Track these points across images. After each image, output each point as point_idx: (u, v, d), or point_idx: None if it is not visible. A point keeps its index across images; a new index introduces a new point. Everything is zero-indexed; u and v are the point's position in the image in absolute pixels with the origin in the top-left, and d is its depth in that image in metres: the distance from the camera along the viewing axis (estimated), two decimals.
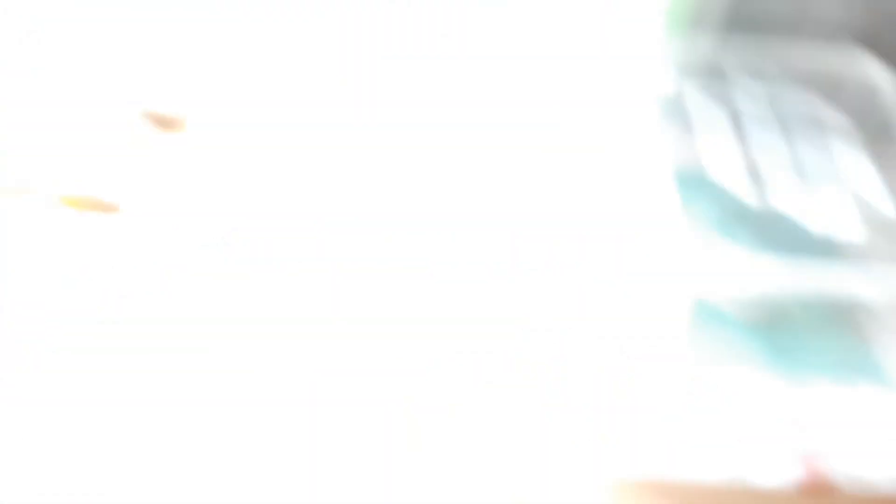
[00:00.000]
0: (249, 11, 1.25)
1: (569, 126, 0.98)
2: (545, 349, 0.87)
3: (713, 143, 0.87)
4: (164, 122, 0.98)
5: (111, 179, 0.90)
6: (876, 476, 0.74)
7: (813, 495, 0.74)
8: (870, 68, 0.92)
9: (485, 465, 0.82)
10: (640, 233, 0.87)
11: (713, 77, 0.92)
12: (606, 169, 0.94)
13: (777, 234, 0.85)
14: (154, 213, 0.87)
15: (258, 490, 0.81)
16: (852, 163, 0.88)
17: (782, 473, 0.75)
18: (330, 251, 0.90)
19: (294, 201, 0.92)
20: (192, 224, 0.87)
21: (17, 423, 0.83)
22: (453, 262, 0.90)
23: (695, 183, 0.89)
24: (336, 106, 1.05)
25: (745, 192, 0.87)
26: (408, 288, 0.91)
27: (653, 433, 0.79)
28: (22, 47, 1.03)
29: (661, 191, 0.89)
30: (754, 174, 0.88)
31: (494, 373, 0.91)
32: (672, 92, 0.95)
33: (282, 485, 0.81)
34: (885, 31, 0.90)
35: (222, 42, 1.13)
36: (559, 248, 0.89)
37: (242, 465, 0.82)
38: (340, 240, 0.90)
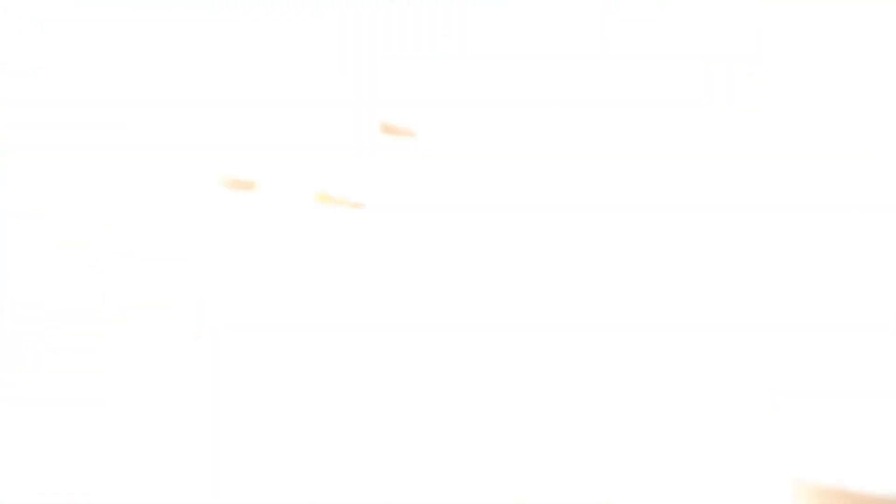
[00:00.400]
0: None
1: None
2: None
3: None
4: (396, 132, 1.09)
5: (356, 180, 1.02)
6: None
7: None
8: None
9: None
10: None
11: None
12: None
13: None
14: (395, 211, 0.98)
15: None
16: None
17: None
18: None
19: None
20: (430, 220, 0.97)
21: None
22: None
23: None
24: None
25: None
26: None
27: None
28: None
29: None
30: None
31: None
32: None
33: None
34: None
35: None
36: None
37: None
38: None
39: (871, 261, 1.01)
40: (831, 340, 0.94)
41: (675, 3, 1.41)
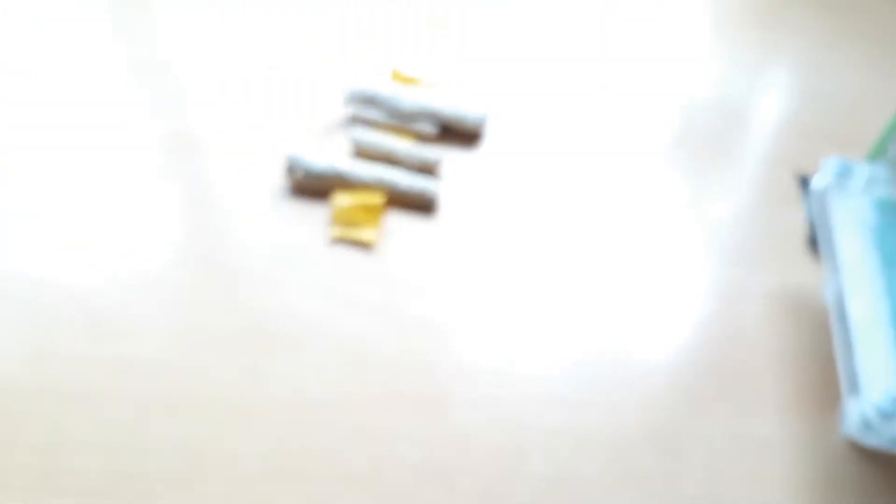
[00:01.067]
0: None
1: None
2: None
3: None
4: (407, 81, 1.21)
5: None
6: None
7: None
8: None
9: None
10: None
11: None
12: None
13: None
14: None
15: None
16: None
17: None
18: None
19: None
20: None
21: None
22: None
23: None
24: None
25: None
26: None
27: None
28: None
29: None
30: None
31: None
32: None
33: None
34: None
35: None
36: None
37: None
38: None
39: None
40: None
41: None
